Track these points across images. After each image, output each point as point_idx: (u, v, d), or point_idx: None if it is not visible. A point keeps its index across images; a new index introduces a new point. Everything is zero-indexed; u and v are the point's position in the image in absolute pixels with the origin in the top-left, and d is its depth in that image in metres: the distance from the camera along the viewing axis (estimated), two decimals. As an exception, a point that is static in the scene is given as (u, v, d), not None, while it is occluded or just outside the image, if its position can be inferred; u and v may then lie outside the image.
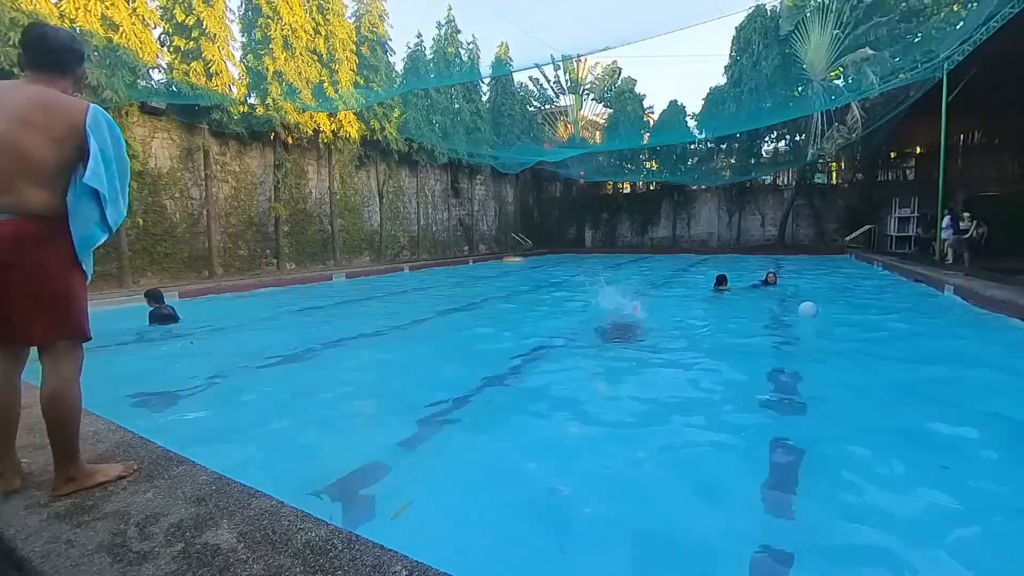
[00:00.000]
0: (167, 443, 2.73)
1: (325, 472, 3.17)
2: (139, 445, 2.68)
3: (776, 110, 20.63)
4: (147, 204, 12.18)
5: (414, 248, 21.09)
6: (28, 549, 1.77)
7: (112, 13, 11.07)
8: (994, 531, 2.50)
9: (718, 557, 2.35)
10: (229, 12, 13.64)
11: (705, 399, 4.44)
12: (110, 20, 11.07)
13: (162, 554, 1.72)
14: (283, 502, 2.08)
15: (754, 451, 3.35)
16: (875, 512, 2.65)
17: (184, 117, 12.90)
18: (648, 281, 13.64)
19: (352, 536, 1.82)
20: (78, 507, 2.05)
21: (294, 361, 6.01)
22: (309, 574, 1.60)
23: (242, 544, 1.77)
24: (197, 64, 12.72)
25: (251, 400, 4.71)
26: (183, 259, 13.07)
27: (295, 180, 15.91)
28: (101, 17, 10.96)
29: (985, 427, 3.68)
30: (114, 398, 4.51)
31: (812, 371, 5.23)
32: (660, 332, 7.01)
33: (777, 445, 3.43)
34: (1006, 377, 4.89)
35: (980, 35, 10.65)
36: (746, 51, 21.84)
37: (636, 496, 2.90)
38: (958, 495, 2.81)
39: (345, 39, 16.52)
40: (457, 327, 8.36)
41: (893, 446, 3.38)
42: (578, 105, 28.23)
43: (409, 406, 4.28)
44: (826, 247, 22.38)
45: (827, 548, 2.39)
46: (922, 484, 2.96)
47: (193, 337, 7.41)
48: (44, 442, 2.64)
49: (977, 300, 8.39)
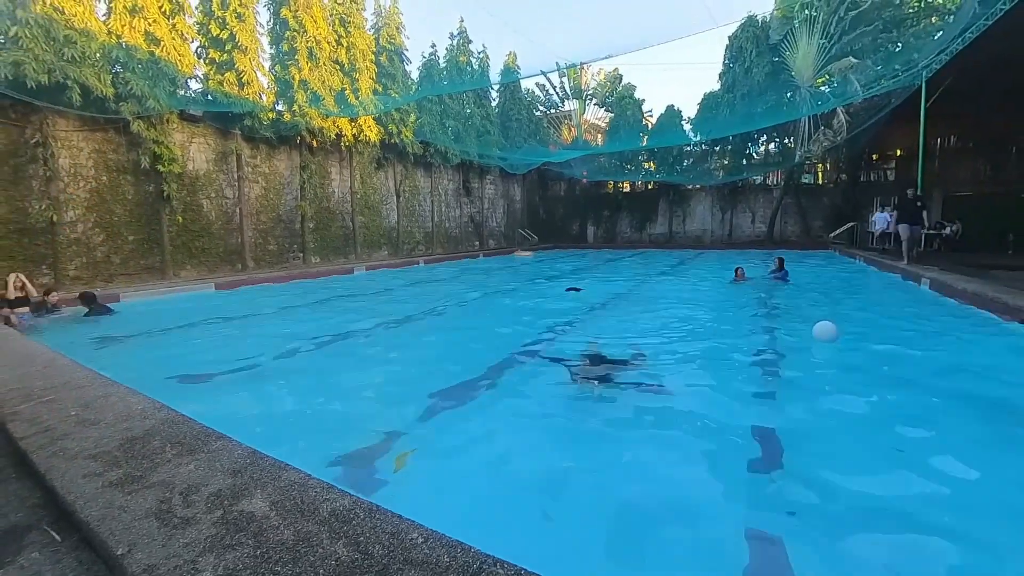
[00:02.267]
0: (207, 420, 2.73)
1: (348, 447, 3.24)
2: (182, 422, 2.69)
3: (766, 114, 20.38)
4: (186, 203, 12.28)
5: (428, 243, 21.12)
6: (86, 513, 1.82)
7: (154, 29, 11.14)
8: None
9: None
10: (259, 26, 13.67)
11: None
12: (152, 35, 11.15)
13: (203, 520, 1.75)
14: (310, 475, 2.08)
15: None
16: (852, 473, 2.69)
17: (218, 123, 12.97)
18: (656, 270, 13.63)
19: (373, 506, 1.82)
20: (129, 477, 2.08)
21: (321, 345, 6.08)
22: (334, 539, 1.61)
23: (274, 512, 1.79)
24: (230, 74, 12.77)
25: (281, 381, 4.79)
26: (218, 253, 13.19)
27: (319, 180, 15.97)
28: (144, 33, 11.05)
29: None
30: (158, 379, 4.61)
31: (795, 345, 5.27)
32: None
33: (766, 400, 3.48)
34: (966, 357, 4.91)
35: (956, 45, 10.48)
36: (739, 59, 21.59)
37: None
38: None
39: (365, 50, 16.50)
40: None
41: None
42: (581, 109, 28.03)
43: (438, 382, 4.32)
44: (812, 243, 22.22)
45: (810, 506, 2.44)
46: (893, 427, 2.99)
47: (236, 322, 7.52)
48: (94, 419, 2.73)
49: (950, 292, 8.35)
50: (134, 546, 1.61)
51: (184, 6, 11.98)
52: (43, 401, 3.06)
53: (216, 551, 1.56)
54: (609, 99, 26.87)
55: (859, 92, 16.08)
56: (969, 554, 2.20)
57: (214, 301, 9.68)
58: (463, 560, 1.46)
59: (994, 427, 3.45)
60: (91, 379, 3.51)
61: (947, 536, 2.30)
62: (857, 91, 16.11)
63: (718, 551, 2.26)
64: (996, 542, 2.28)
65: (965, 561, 2.17)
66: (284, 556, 1.53)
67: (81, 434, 2.53)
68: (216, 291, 10.76)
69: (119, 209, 11.11)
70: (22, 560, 1.74)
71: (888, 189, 20.23)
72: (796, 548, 2.19)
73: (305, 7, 14.33)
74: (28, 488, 2.23)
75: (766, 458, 3.05)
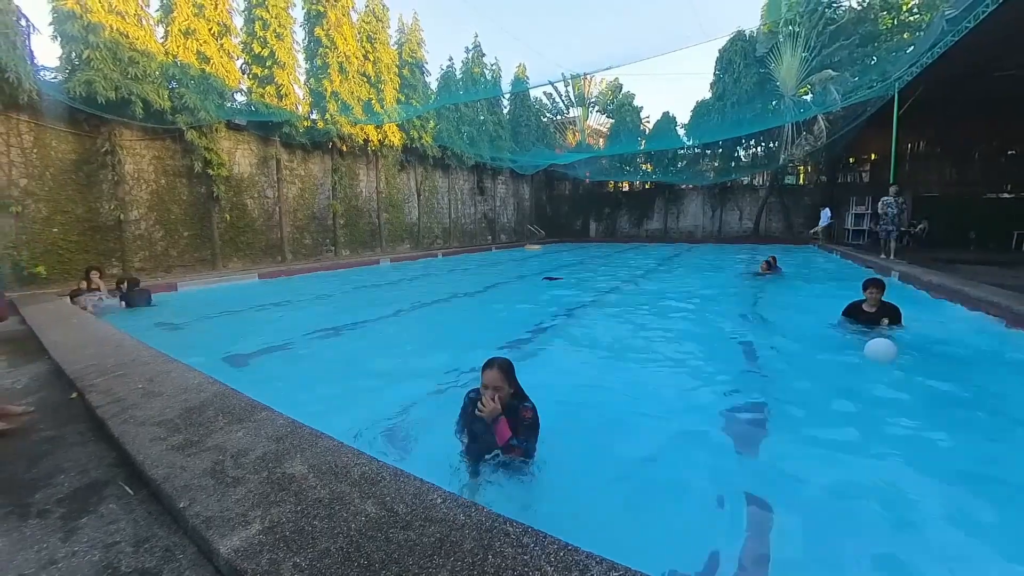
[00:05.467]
0: (253, 394, 2.77)
1: (377, 418, 3.31)
2: (232, 395, 2.73)
3: (753, 121, 20.07)
4: (232, 203, 12.42)
5: (446, 237, 21.14)
6: (154, 471, 1.91)
7: (205, 48, 11.22)
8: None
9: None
10: (296, 44, 13.66)
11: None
12: (203, 54, 11.22)
13: (251, 479, 1.82)
14: (343, 442, 2.12)
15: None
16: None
17: (260, 131, 13.04)
18: (655, 259, 13.58)
19: (398, 471, 1.84)
20: (188, 442, 2.16)
21: (350, 329, 6.16)
22: (364, 498, 1.66)
23: (312, 474, 1.84)
24: (270, 88, 12.81)
25: (319, 359, 4.87)
26: (261, 247, 13.33)
27: (349, 182, 16.03)
28: (196, 52, 11.13)
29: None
30: (212, 357, 4.72)
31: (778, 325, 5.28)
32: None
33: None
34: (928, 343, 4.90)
35: (926, 59, 10.24)
36: (728, 70, 21.20)
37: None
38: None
39: (389, 63, 16.43)
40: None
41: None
42: (585, 116, 27.75)
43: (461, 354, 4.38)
44: (794, 238, 21.92)
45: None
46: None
47: (278, 307, 7.64)
48: (157, 391, 2.82)
49: (918, 284, 8.26)
50: (194, 500, 1.70)
51: (231, 28, 12.02)
52: (115, 375, 3.18)
53: (263, 506, 1.64)
54: (610, 106, 26.56)
55: (838, 101, 15.76)
56: (893, 506, 2.23)
57: (258, 289, 9.85)
58: (477, 519, 1.51)
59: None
60: (154, 357, 3.63)
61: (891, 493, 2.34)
62: (836, 100, 15.79)
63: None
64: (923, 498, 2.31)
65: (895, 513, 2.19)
66: (320, 512, 1.59)
67: (147, 404, 2.63)
68: (259, 280, 10.91)
69: (175, 208, 11.28)
70: (103, 509, 1.84)
71: (863, 190, 19.88)
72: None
73: (336, 26, 14.28)
74: (104, 450, 2.34)
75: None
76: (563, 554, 1.35)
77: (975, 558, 1.98)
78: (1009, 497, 2.36)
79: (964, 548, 2.03)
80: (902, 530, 2.13)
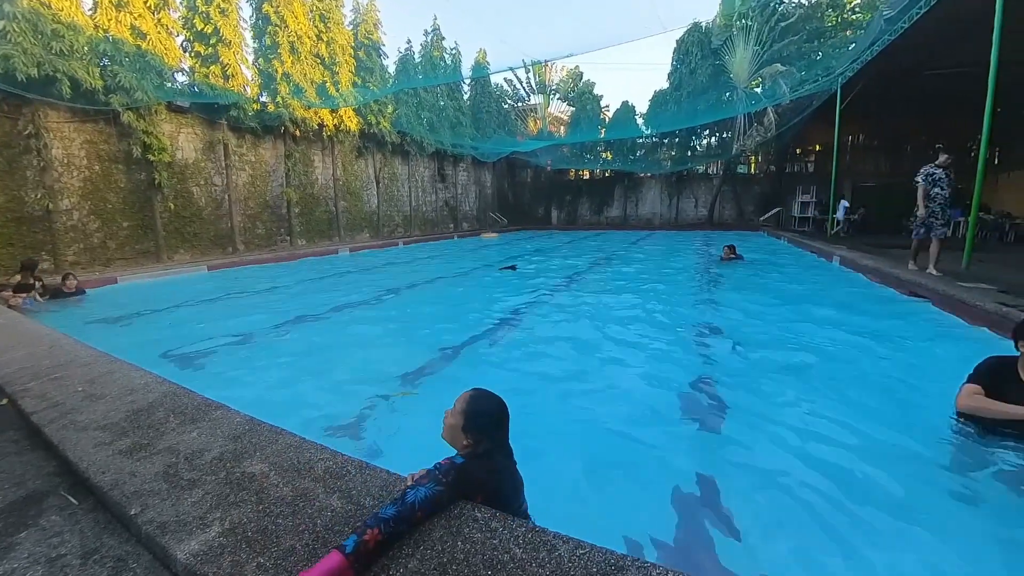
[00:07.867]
0: (206, 392, 2.68)
1: (338, 413, 3.25)
2: (183, 394, 2.64)
3: (708, 111, 20.64)
4: (176, 191, 11.70)
5: (407, 226, 20.78)
6: (100, 478, 1.81)
7: (140, 23, 10.40)
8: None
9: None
10: (242, 21, 12.90)
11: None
12: (138, 29, 10.41)
13: (208, 480, 1.76)
14: (304, 438, 2.08)
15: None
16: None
17: (205, 114, 12.30)
18: (614, 249, 13.82)
19: (364, 464, 1.83)
20: (137, 445, 2.06)
21: (307, 321, 6.00)
22: (329, 493, 1.64)
23: (273, 471, 1.79)
24: (215, 67, 12.09)
25: (275, 354, 4.71)
26: (209, 237, 12.68)
27: (303, 168, 15.43)
28: (130, 27, 10.30)
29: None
30: (158, 355, 4.49)
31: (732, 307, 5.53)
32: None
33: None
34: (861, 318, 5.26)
35: (866, 56, 10.81)
36: (685, 61, 21.67)
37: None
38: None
39: (344, 44, 15.82)
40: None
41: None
42: (546, 103, 27.75)
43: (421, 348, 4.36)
44: (745, 225, 22.88)
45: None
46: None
47: (224, 300, 7.32)
48: (100, 393, 2.68)
49: (855, 267, 8.86)
50: (147, 506, 1.63)
51: (169, 1, 11.19)
52: (51, 378, 2.98)
53: (222, 507, 1.60)
54: (571, 94, 26.67)
55: (786, 94, 16.48)
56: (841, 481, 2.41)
57: (207, 282, 9.39)
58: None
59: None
60: (95, 357, 3.42)
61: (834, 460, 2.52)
62: (785, 93, 16.51)
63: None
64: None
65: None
66: (284, 510, 1.57)
67: (89, 408, 2.49)
68: (208, 272, 10.41)
69: (113, 197, 10.52)
70: (43, 522, 1.74)
71: (808, 179, 20.97)
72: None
73: (286, 3, 13.59)
74: (42, 458, 2.20)
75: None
76: (531, 536, 1.39)
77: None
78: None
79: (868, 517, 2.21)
80: (842, 502, 2.30)
